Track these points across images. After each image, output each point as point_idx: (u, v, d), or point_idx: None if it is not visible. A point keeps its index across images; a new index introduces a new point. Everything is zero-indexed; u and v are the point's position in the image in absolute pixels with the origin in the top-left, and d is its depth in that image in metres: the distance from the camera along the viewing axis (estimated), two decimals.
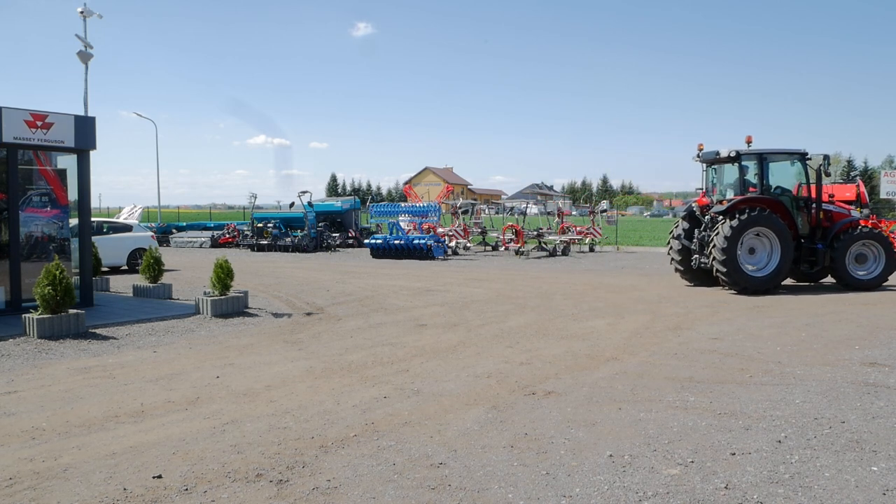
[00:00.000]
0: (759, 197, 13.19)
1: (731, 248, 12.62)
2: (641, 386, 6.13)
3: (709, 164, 14.33)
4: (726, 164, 13.89)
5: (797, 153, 13.53)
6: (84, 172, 11.09)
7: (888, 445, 4.54)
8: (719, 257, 12.68)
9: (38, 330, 8.58)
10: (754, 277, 12.88)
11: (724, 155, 13.59)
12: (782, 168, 14.04)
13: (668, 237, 14.79)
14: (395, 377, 6.53)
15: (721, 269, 12.74)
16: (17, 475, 4.12)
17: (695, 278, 14.17)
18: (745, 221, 12.69)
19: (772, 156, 13.59)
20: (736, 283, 12.78)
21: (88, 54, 26.67)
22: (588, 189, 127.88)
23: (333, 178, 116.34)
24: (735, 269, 12.70)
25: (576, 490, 3.85)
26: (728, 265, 12.64)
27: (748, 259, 13.12)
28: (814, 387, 6.05)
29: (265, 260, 23.66)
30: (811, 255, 13.40)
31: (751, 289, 12.76)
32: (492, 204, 37.33)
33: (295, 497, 3.78)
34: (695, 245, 13.80)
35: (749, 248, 13.12)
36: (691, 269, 14.03)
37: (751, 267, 13.08)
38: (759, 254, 13.20)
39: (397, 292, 13.47)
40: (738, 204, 12.99)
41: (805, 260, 13.45)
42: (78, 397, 5.90)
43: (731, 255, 12.63)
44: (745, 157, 13.50)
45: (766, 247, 13.14)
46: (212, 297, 10.57)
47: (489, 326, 9.45)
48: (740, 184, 13.54)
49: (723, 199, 13.63)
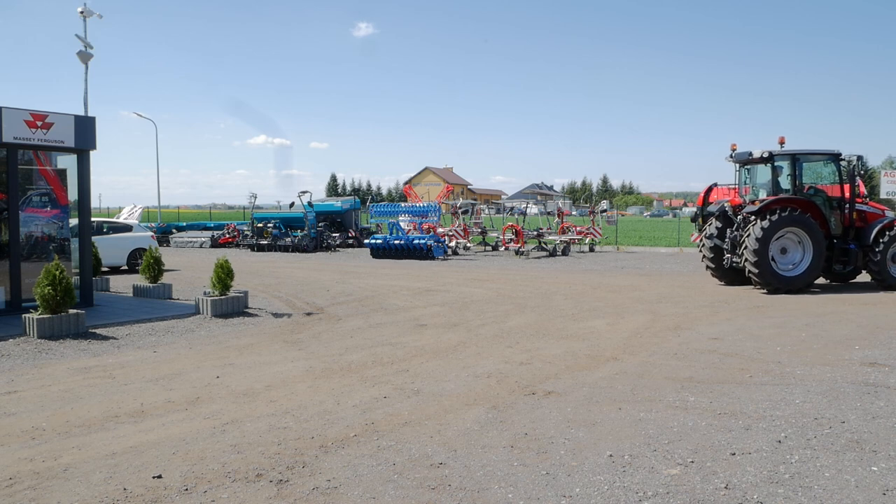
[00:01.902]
0: (791, 197, 13.26)
1: (763, 248, 12.71)
2: (641, 386, 6.13)
3: (741, 165, 14.39)
4: (759, 164, 13.96)
5: (831, 154, 13.62)
6: (84, 172, 11.09)
7: (888, 445, 4.54)
8: (751, 258, 12.78)
9: (38, 330, 8.58)
10: (786, 277, 12.98)
11: (756, 156, 13.67)
12: (815, 168, 14.16)
13: (700, 236, 14.91)
14: (395, 377, 6.53)
15: (753, 268, 12.83)
16: (17, 475, 4.12)
17: (726, 277, 14.26)
18: (777, 222, 12.78)
19: (805, 157, 13.67)
20: (768, 283, 12.85)
21: (88, 54, 26.68)
22: (588, 189, 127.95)
23: (333, 178, 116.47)
24: (766, 269, 12.79)
25: (576, 490, 3.85)
26: (760, 265, 12.74)
27: (780, 259, 13.23)
28: (814, 387, 6.05)
29: (265, 260, 23.66)
30: (844, 255, 13.49)
31: (782, 288, 12.85)
32: (492, 204, 37.32)
33: (295, 497, 3.78)
34: (727, 245, 13.84)
35: (781, 248, 13.23)
36: (723, 268, 14.14)
37: (783, 267, 13.17)
38: (791, 254, 13.31)
39: (397, 292, 13.47)
40: (770, 204, 13.08)
41: (838, 260, 13.53)
42: (78, 397, 5.91)
43: (762, 255, 12.72)
44: (778, 158, 13.56)
45: (799, 247, 13.25)
46: (212, 297, 10.57)
47: (489, 326, 9.45)
48: (773, 184, 13.60)
49: (755, 200, 13.70)
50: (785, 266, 13.21)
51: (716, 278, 14.60)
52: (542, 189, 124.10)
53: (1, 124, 9.88)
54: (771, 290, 12.92)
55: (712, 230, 14.32)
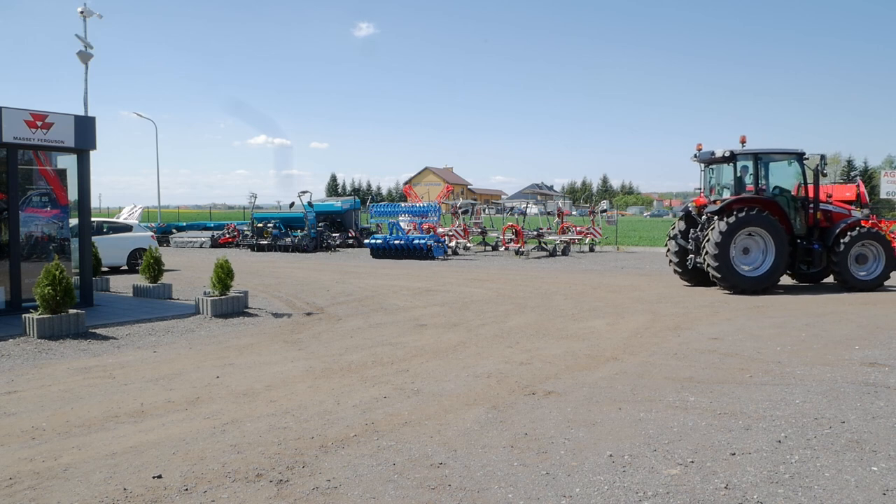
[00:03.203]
0: (752, 197, 13.14)
1: (724, 247, 12.61)
2: (641, 386, 6.13)
3: (706, 165, 14.30)
4: (723, 164, 13.86)
5: (794, 153, 13.47)
6: (84, 172, 11.09)
7: (888, 445, 4.54)
8: (712, 258, 12.68)
9: (38, 330, 8.58)
10: (748, 277, 12.85)
11: (719, 155, 13.55)
12: (780, 168, 13.98)
13: (666, 237, 14.77)
14: (395, 377, 6.53)
15: (714, 268, 12.73)
16: (17, 475, 4.12)
17: (692, 278, 14.17)
18: (738, 221, 12.68)
19: (768, 156, 13.56)
20: (729, 283, 12.75)
21: (88, 54, 26.68)
22: (588, 189, 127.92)
23: (333, 178, 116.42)
24: (728, 269, 12.67)
25: (576, 490, 3.85)
26: (721, 265, 12.64)
27: (742, 259, 13.07)
28: (814, 387, 6.05)
29: (265, 260, 23.66)
30: (808, 255, 13.32)
31: (744, 289, 12.73)
32: (492, 204, 37.31)
33: (295, 497, 3.78)
34: (691, 245, 13.80)
35: (743, 247, 13.07)
36: (688, 269, 14.04)
37: (745, 267, 13.02)
38: (753, 254, 13.15)
39: (397, 292, 13.47)
40: (731, 204, 12.97)
41: (802, 260, 13.39)
42: (78, 397, 5.90)
43: (724, 255, 12.62)
44: (741, 157, 13.45)
45: (761, 247, 13.10)
46: (212, 297, 10.57)
47: (489, 326, 9.45)
48: (736, 184, 13.50)
49: (718, 199, 13.60)
50: (747, 266, 13.04)
51: (682, 280, 14.41)
52: (542, 189, 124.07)
53: (1, 124, 9.88)
54: (733, 290, 12.81)
55: (677, 231, 14.23)
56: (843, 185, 27.38)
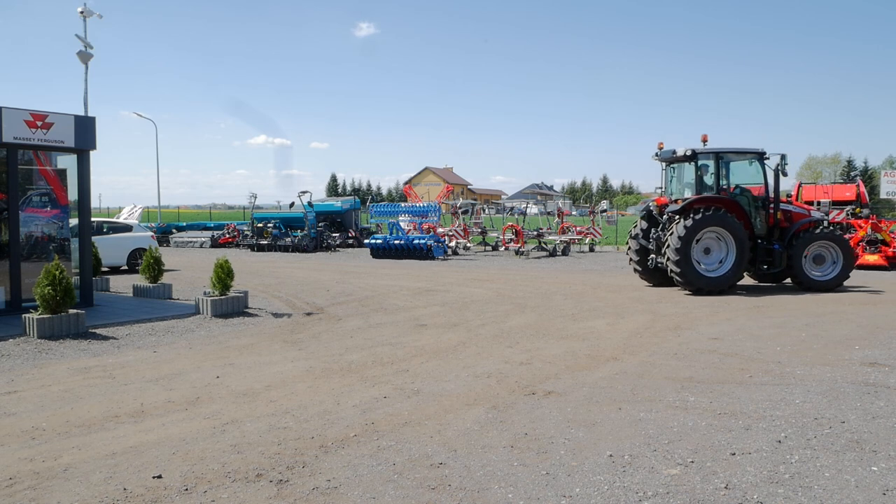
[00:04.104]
0: (713, 196, 13.03)
1: (685, 247, 12.49)
2: (641, 386, 6.13)
3: (667, 164, 14.16)
4: (684, 162, 13.71)
5: (754, 152, 13.38)
6: (84, 172, 11.09)
7: (888, 445, 4.54)
8: (673, 257, 12.55)
9: (38, 330, 8.58)
10: (709, 277, 12.73)
11: (680, 154, 13.37)
12: (741, 167, 13.84)
13: (628, 237, 14.60)
14: (395, 377, 6.53)
15: (675, 268, 12.60)
16: (17, 475, 4.12)
17: (653, 278, 14.02)
18: (699, 221, 12.56)
19: (729, 155, 13.43)
20: (690, 283, 12.63)
21: (88, 54, 26.69)
22: (588, 189, 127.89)
23: (333, 179, 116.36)
24: (689, 269, 12.56)
25: (576, 490, 3.85)
26: (682, 265, 12.51)
27: (703, 259, 12.97)
28: (814, 387, 6.05)
29: (265, 260, 23.67)
30: (768, 255, 13.24)
31: (705, 289, 12.62)
32: (492, 204, 37.32)
33: (295, 497, 3.78)
34: (652, 245, 13.64)
35: (704, 247, 12.98)
36: (650, 269, 13.89)
37: (706, 267, 12.92)
38: (714, 254, 13.06)
39: (397, 292, 13.47)
40: (692, 203, 12.84)
41: (762, 260, 13.29)
42: (78, 397, 5.91)
43: (685, 255, 12.50)
44: (702, 156, 13.32)
45: (721, 247, 13.01)
46: (212, 297, 10.57)
47: (489, 326, 9.45)
48: (697, 183, 13.36)
49: (680, 199, 13.46)
50: (708, 266, 12.94)
51: (643, 280, 14.27)
52: (542, 189, 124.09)
53: (1, 124, 9.88)
54: (693, 290, 12.70)
55: (638, 230, 14.07)
56: (843, 185, 27.41)
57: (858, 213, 22.41)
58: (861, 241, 18.80)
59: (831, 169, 74.14)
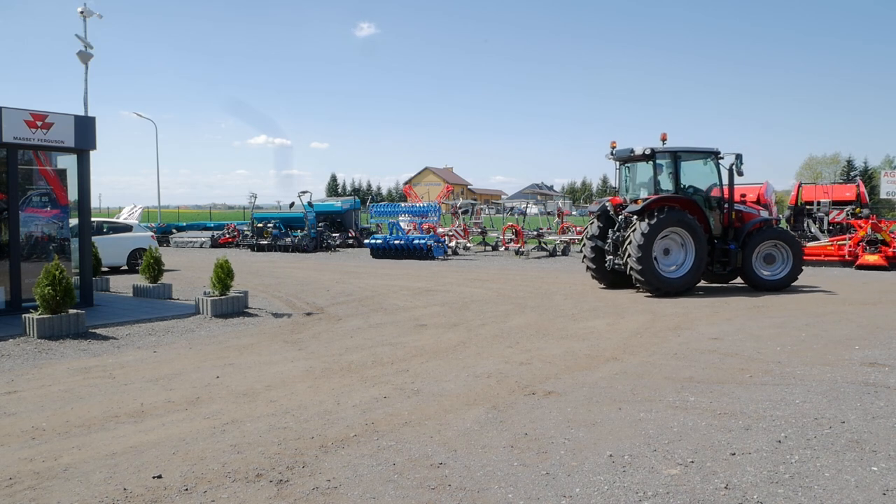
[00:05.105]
0: (673, 196, 12.87)
1: (647, 249, 12.22)
2: (641, 386, 6.13)
3: (622, 163, 14.00)
4: (640, 162, 13.56)
5: (710, 152, 13.31)
6: (84, 172, 11.09)
7: (888, 445, 4.54)
8: (635, 259, 12.24)
9: (38, 330, 8.58)
10: (669, 279, 12.53)
11: (638, 153, 13.17)
12: (696, 167, 13.70)
13: (582, 238, 14.28)
14: (395, 377, 6.53)
15: (637, 270, 12.32)
16: (17, 475, 4.12)
17: (607, 280, 13.75)
18: (660, 222, 12.32)
19: (685, 154, 13.31)
20: (651, 285, 12.39)
21: (88, 54, 26.69)
22: (588, 189, 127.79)
23: (333, 178, 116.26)
24: (651, 271, 12.30)
25: (576, 490, 3.85)
26: (644, 267, 12.23)
27: (663, 260, 12.78)
28: (814, 387, 6.05)
29: (265, 260, 23.67)
30: (724, 255, 13.17)
31: (667, 291, 12.44)
32: (492, 204, 37.33)
33: (295, 497, 3.78)
34: (608, 246, 13.38)
35: (664, 248, 12.81)
36: (605, 271, 13.61)
37: (666, 268, 12.75)
38: (673, 255, 12.90)
39: (397, 292, 13.47)
40: (652, 204, 12.57)
41: (718, 261, 13.21)
42: (78, 397, 5.91)
43: (647, 257, 12.22)
44: (660, 156, 13.16)
45: (681, 247, 12.86)
46: (212, 297, 10.57)
47: (489, 326, 9.45)
48: (654, 183, 13.20)
49: (637, 199, 13.21)
50: (668, 267, 12.74)
51: (597, 282, 14.01)
52: (542, 189, 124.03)
53: (1, 124, 9.88)
54: (654, 292, 12.50)
55: (593, 231, 13.75)
56: (843, 185, 27.42)
57: (858, 213, 22.43)
58: (861, 241, 18.77)
59: (831, 169, 74.11)
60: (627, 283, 13.40)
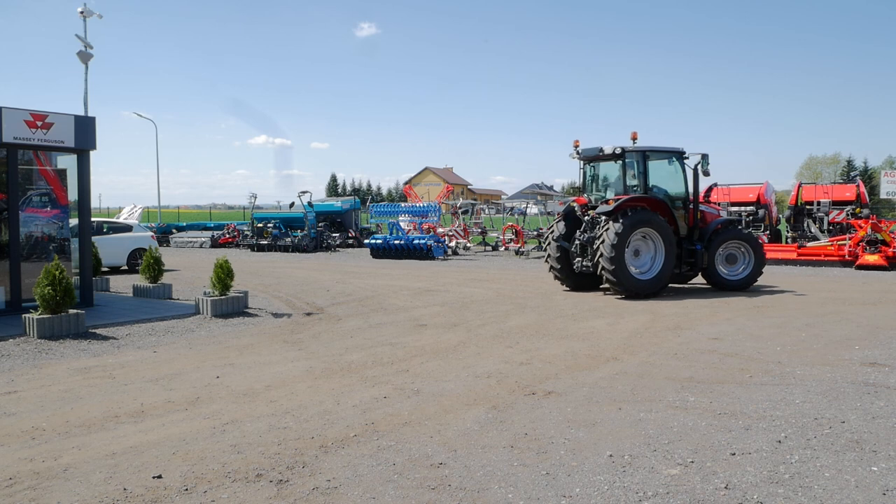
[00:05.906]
0: (643, 196, 12.74)
1: (620, 250, 11.97)
2: (641, 386, 6.13)
3: (587, 162, 13.86)
4: (608, 161, 13.44)
5: (675, 151, 13.27)
6: (84, 172, 11.09)
7: (888, 445, 4.54)
8: (608, 259, 11.97)
9: (38, 330, 8.58)
10: (640, 280, 12.33)
11: (608, 152, 13.02)
12: (662, 167, 13.60)
13: (548, 239, 13.96)
14: (395, 377, 6.53)
15: (609, 272, 12.04)
16: (17, 475, 4.12)
17: (571, 282, 13.49)
18: (631, 222, 12.14)
19: (653, 154, 13.19)
20: (623, 287, 12.15)
21: (88, 54, 26.67)
22: None
23: (333, 179, 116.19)
24: (623, 273, 12.07)
25: (576, 490, 3.85)
26: (617, 268, 11.97)
27: (633, 261, 12.56)
28: (814, 387, 6.05)
29: (265, 260, 23.67)
30: (690, 256, 13.11)
31: (636, 292, 12.23)
32: (492, 204, 37.32)
33: (295, 497, 3.78)
34: (575, 248, 13.12)
35: (634, 250, 12.65)
36: (570, 272, 13.34)
37: (636, 269, 12.58)
38: (643, 256, 12.77)
39: (397, 292, 13.47)
40: (624, 204, 12.37)
41: (684, 261, 13.14)
42: (78, 397, 5.91)
43: (619, 258, 11.97)
44: (629, 155, 13.01)
45: (651, 248, 12.74)
46: (212, 297, 10.57)
47: (489, 326, 9.45)
48: (623, 183, 13.05)
49: (606, 199, 13.07)
50: (638, 269, 12.59)
51: (561, 284, 13.75)
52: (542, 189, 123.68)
53: (1, 124, 9.88)
54: (625, 294, 12.28)
55: (559, 233, 13.41)
56: (843, 185, 27.40)
57: (858, 213, 22.41)
58: (861, 241, 18.77)
59: (831, 169, 74.07)
60: (593, 285, 13.29)
